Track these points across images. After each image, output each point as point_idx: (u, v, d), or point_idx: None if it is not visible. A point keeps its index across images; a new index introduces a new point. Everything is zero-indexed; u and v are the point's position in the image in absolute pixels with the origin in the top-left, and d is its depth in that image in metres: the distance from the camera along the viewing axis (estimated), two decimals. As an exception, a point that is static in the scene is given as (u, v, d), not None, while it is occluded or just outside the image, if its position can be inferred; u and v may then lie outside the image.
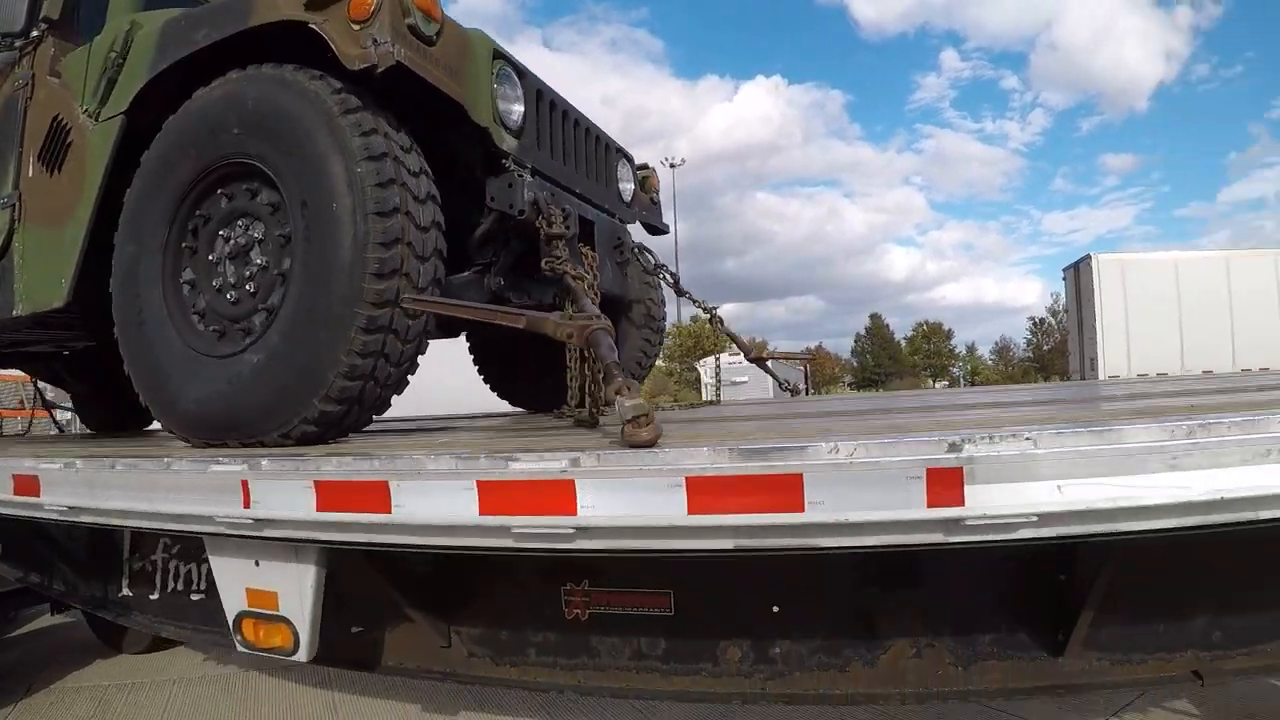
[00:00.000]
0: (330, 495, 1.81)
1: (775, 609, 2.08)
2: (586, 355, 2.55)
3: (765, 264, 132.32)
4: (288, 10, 2.41)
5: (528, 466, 1.62)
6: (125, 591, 3.18)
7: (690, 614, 2.15)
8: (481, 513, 1.65)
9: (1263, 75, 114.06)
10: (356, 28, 2.31)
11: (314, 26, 2.35)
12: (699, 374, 35.02)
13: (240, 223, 2.53)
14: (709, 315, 4.50)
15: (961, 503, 1.41)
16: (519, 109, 2.86)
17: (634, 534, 1.58)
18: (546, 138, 3.11)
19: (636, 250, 3.97)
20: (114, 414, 6.06)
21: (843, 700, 2.12)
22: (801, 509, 1.45)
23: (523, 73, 2.93)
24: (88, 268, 2.94)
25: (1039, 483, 1.41)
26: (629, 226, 4.08)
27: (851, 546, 1.48)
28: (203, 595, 2.87)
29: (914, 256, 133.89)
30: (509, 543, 1.66)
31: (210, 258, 2.58)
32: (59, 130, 3.08)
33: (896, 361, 65.03)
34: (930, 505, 1.41)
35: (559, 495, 1.59)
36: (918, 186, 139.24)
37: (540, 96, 3.06)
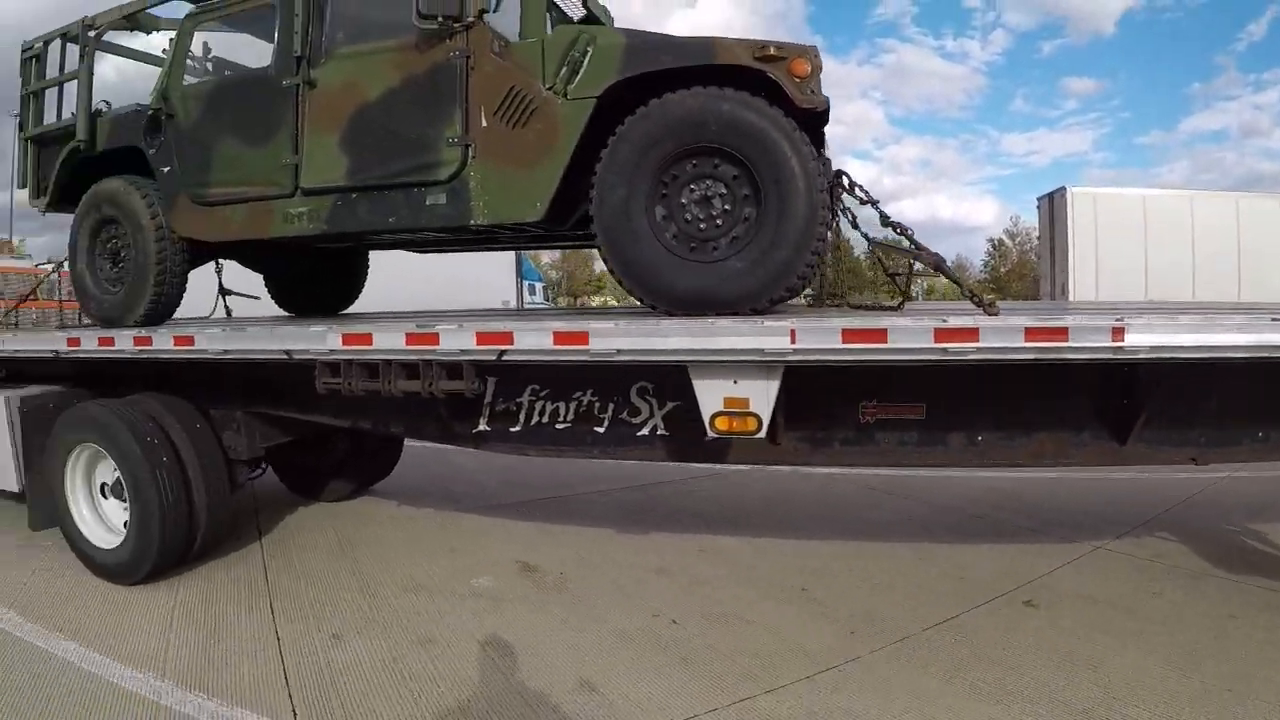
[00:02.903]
0: (850, 336, 3.78)
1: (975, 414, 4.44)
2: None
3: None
4: (744, 58, 4.34)
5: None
6: (483, 427, 5.05)
7: (933, 417, 4.39)
8: (938, 340, 3.70)
9: (1231, 6, 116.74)
10: (798, 79, 4.29)
11: (772, 75, 4.30)
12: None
13: (705, 183, 4.46)
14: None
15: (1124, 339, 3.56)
16: None
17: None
18: None
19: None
20: (305, 298, 8.22)
21: (1008, 463, 4.55)
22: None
23: None
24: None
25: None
26: None
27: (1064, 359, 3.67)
28: (569, 425, 4.87)
29: (870, 170, 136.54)
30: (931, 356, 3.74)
31: (682, 200, 4.49)
32: (518, 97, 4.79)
33: (855, 276, 66.36)
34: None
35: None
36: (877, 100, 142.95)
37: None
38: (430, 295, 8.90)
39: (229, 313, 7.64)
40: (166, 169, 6.00)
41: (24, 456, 6.27)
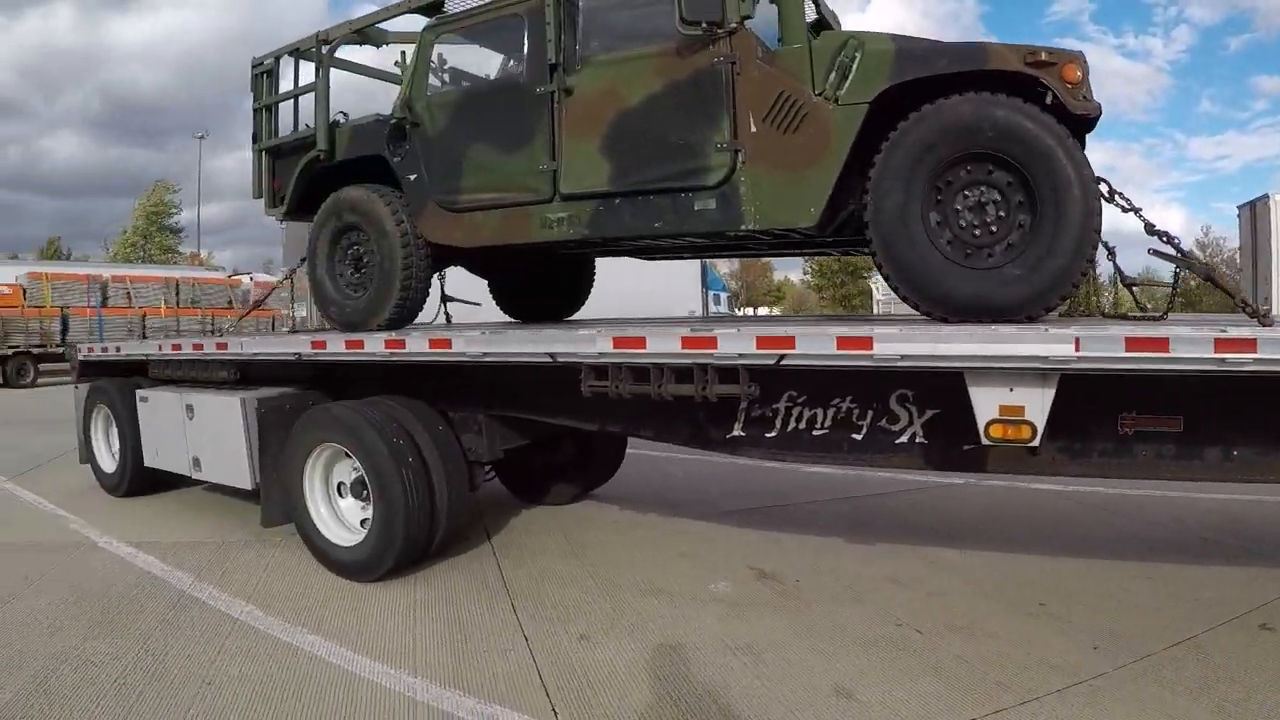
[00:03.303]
0: (1134, 345, 3.80)
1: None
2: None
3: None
4: (1016, 64, 4.49)
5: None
6: (738, 432, 5.10)
7: (1190, 430, 4.29)
8: (1217, 350, 3.64)
9: None
10: (1069, 85, 4.44)
11: (1045, 81, 4.45)
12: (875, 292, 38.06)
13: (979, 189, 4.61)
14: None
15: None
16: None
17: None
18: None
19: None
20: (531, 305, 8.52)
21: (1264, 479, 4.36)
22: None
23: None
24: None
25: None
26: None
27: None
28: (825, 432, 4.87)
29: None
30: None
31: (957, 207, 4.66)
32: (788, 103, 4.98)
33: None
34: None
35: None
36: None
37: None
38: (619, 304, 9.03)
39: (449, 319, 7.98)
40: (413, 176, 6.42)
41: (259, 455, 6.73)
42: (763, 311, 61.77)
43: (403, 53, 6.87)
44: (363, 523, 6.07)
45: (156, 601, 5.58)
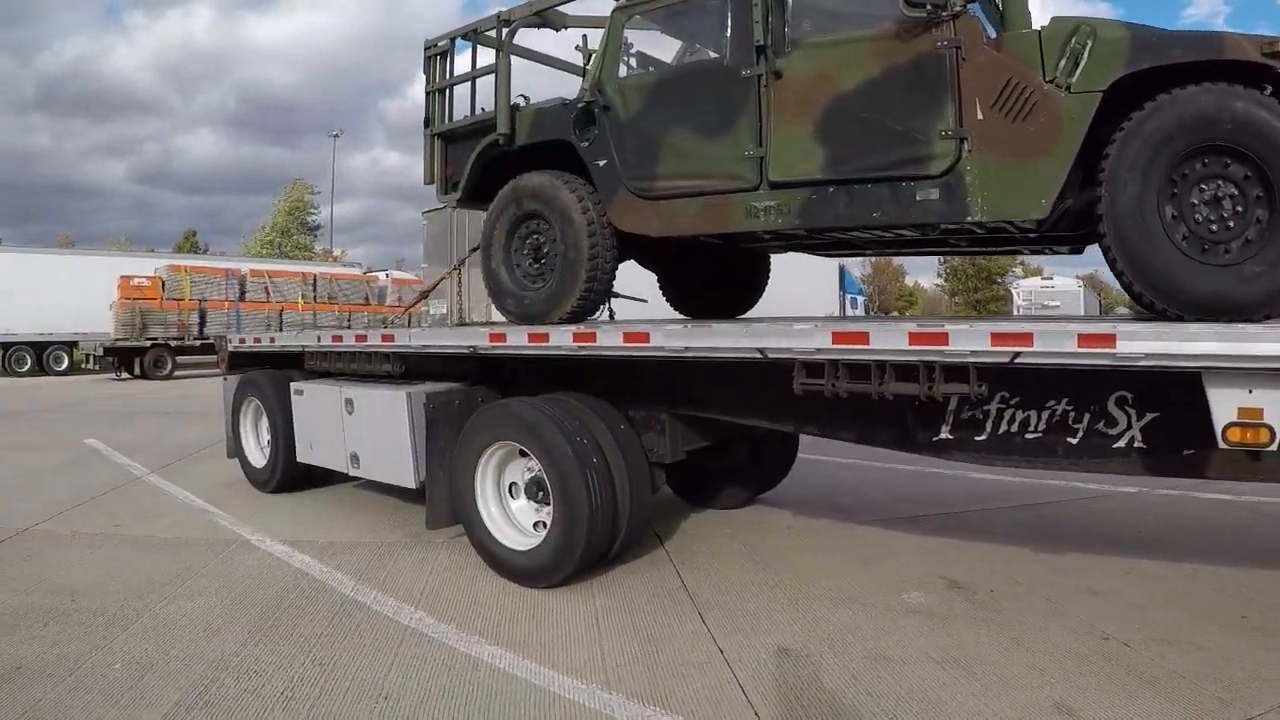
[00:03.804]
0: None
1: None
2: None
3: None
4: (1254, 55, 4.14)
5: None
6: (945, 435, 4.93)
7: None
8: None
9: None
10: None
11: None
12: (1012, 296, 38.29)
13: (1216, 182, 4.25)
14: None
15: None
16: None
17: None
18: None
19: None
20: (704, 300, 8.19)
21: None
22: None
23: None
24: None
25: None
26: None
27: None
28: (1038, 435, 4.68)
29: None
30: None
31: (1192, 200, 4.29)
32: (1017, 90, 4.70)
33: None
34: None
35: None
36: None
37: None
38: (758, 305, 8.69)
39: (612, 315, 7.74)
40: (603, 162, 6.17)
41: (425, 453, 6.49)
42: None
43: (584, 37, 6.77)
44: (536, 525, 5.84)
45: (317, 606, 5.40)
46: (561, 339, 5.75)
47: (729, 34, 5.65)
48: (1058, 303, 34.95)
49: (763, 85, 5.43)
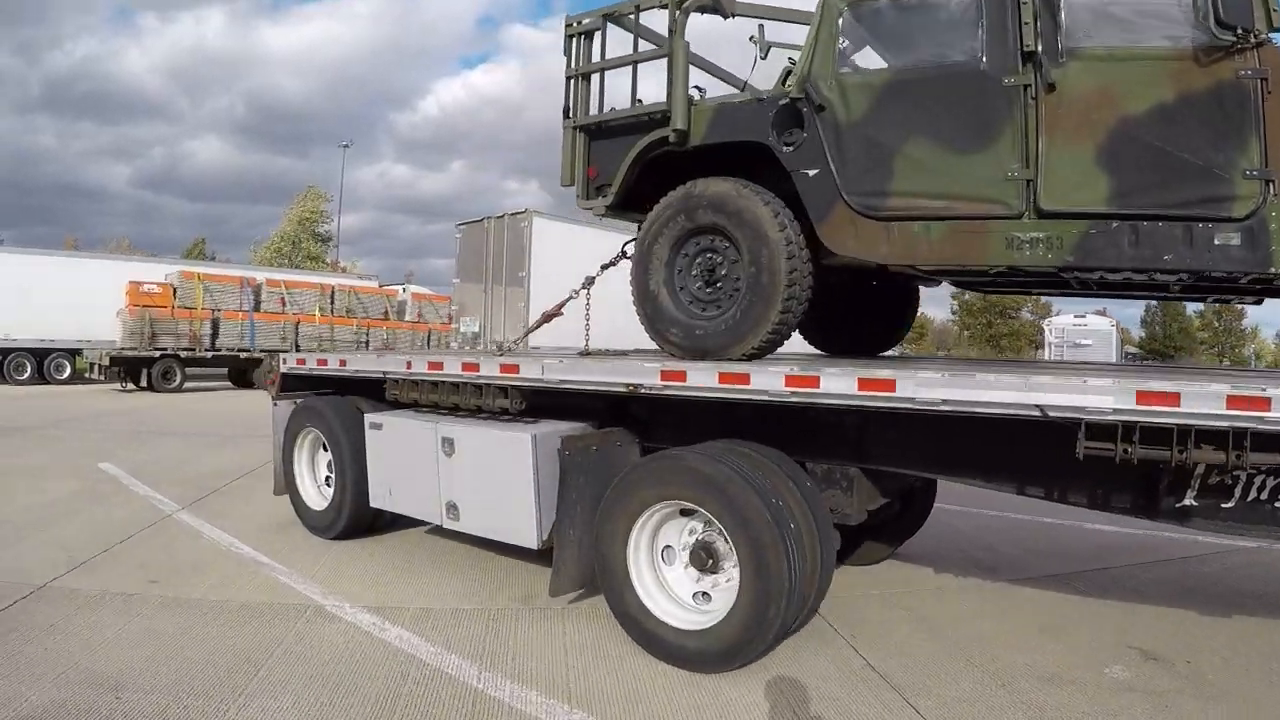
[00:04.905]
0: None
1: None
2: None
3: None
4: None
5: None
6: (1189, 501, 4.29)
7: None
8: None
9: None
10: None
11: None
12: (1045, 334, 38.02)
13: None
14: None
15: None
16: None
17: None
18: None
19: None
20: (844, 336, 7.61)
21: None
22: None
23: None
24: None
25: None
26: None
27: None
28: None
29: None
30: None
31: None
32: None
33: (1186, 335, 66.89)
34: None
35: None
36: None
37: None
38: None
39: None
40: (813, 171, 5.44)
41: (554, 508, 5.63)
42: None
43: (760, 27, 6.15)
44: (696, 597, 5.11)
45: (442, 704, 4.45)
46: (769, 382, 4.88)
47: (983, 35, 5.04)
48: (1089, 341, 34.56)
49: (1030, 97, 4.87)
